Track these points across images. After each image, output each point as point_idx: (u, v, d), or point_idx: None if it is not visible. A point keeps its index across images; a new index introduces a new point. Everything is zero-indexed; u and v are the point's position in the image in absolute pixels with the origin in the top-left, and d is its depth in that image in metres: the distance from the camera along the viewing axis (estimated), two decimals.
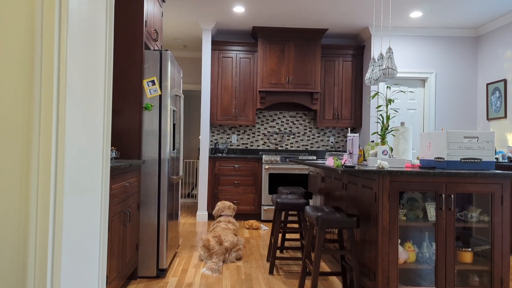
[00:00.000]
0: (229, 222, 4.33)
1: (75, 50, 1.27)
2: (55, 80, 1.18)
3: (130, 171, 3.11)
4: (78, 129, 1.31)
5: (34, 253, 1.16)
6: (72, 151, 1.26)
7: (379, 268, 2.69)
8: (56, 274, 1.19)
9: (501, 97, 5.63)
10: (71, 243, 1.26)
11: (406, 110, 6.27)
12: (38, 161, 1.17)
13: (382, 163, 2.82)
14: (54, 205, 1.19)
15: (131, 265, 3.20)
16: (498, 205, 2.73)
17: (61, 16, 1.20)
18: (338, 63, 6.60)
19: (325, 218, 2.87)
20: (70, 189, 1.25)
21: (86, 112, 1.40)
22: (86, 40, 1.37)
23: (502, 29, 5.68)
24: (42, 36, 1.17)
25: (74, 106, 1.27)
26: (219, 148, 6.68)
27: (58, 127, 1.20)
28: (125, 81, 3.48)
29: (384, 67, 3.67)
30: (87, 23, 1.37)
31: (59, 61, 1.19)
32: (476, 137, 2.88)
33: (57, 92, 1.19)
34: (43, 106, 1.17)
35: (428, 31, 6.18)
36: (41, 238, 1.17)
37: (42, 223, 1.16)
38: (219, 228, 4.14)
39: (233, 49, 6.50)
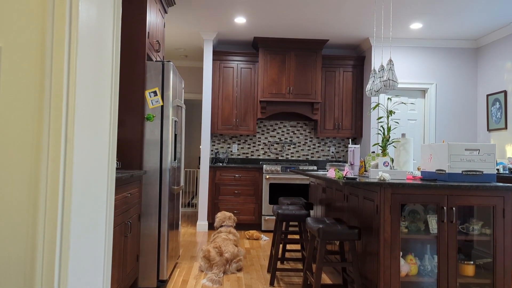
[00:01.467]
0: (229, 233, 4.32)
1: (84, 63, 1.28)
2: (65, 94, 1.19)
3: (131, 182, 3.11)
4: (85, 142, 1.32)
5: (42, 265, 1.16)
6: (79, 162, 1.27)
7: (381, 281, 2.68)
8: (63, 282, 1.19)
9: (501, 108, 5.65)
10: (77, 255, 1.26)
11: (407, 120, 6.28)
12: (46, 181, 1.17)
13: (383, 175, 2.82)
14: (62, 214, 1.19)
15: (132, 276, 3.19)
16: (500, 218, 2.73)
17: (71, 29, 1.22)
18: (338, 73, 6.63)
19: (326, 230, 2.87)
20: (77, 200, 1.26)
21: (93, 123, 1.41)
22: (94, 53, 1.39)
23: (501, 40, 5.72)
24: (52, 54, 1.18)
25: (82, 121, 1.28)
26: (219, 158, 6.69)
27: (67, 143, 1.20)
28: (127, 91, 3.49)
29: (385, 78, 3.69)
30: (95, 36, 1.39)
31: (68, 75, 1.20)
32: (477, 150, 2.88)
33: (66, 105, 1.20)
34: (52, 119, 1.18)
35: (428, 42, 6.22)
36: (48, 253, 1.17)
37: (50, 236, 1.17)
38: (220, 239, 4.13)
39: (234, 59, 6.53)
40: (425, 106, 6.33)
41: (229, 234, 4.28)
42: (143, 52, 3.47)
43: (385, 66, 3.75)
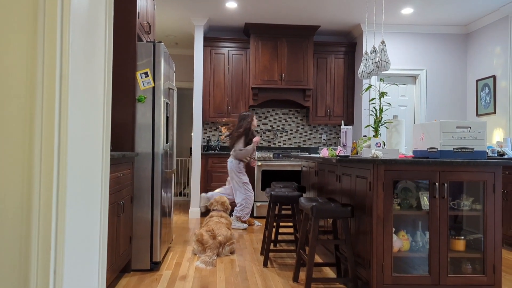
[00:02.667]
0: (221, 217, 4.32)
1: (77, 46, 1.25)
2: (58, 76, 1.15)
3: (123, 163, 3.08)
4: (79, 123, 1.30)
5: (37, 242, 1.14)
6: (74, 144, 1.25)
7: (373, 257, 2.70)
8: (59, 261, 1.17)
9: (490, 93, 5.71)
10: (73, 233, 1.24)
11: (398, 106, 6.32)
12: (40, 158, 1.14)
13: (376, 153, 2.84)
14: (57, 197, 1.16)
15: (125, 257, 3.18)
16: (490, 193, 2.76)
17: (63, 11, 1.18)
18: (330, 60, 6.63)
19: (320, 208, 2.88)
20: (72, 181, 1.24)
21: (87, 105, 1.39)
22: (87, 37, 1.35)
23: (491, 26, 5.76)
24: (44, 35, 1.14)
25: (76, 101, 1.25)
26: (211, 145, 6.67)
27: (61, 121, 1.17)
28: (118, 73, 3.45)
29: (377, 60, 3.70)
30: (87, 18, 1.35)
31: (61, 56, 1.17)
32: (468, 127, 2.91)
33: (59, 87, 1.16)
34: (45, 101, 1.15)
35: (419, 28, 6.24)
36: (44, 229, 1.15)
37: (45, 215, 1.14)
38: (212, 223, 4.13)
39: (226, 45, 6.50)
40: (415, 92, 6.37)
41: (221, 218, 4.28)
42: (134, 32, 3.43)
43: (377, 48, 3.75)
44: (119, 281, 3.16)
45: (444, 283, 2.71)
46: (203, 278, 3.26)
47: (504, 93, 5.47)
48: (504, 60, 5.48)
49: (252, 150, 5.39)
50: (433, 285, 2.70)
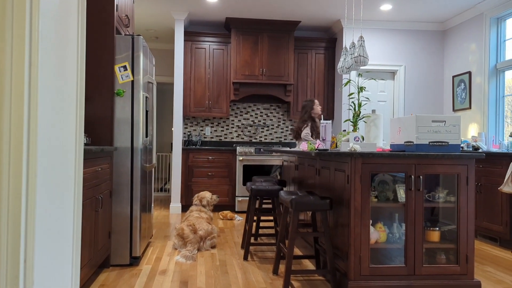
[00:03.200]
0: (201, 211, 4.32)
1: (47, 34, 1.23)
2: (27, 61, 1.13)
3: (102, 157, 3.05)
4: (50, 114, 1.27)
5: (6, 236, 1.12)
6: (44, 137, 1.23)
7: (351, 248, 2.75)
8: (29, 254, 1.15)
9: (466, 89, 5.84)
10: (44, 225, 1.23)
11: (377, 102, 6.41)
12: (9, 149, 1.12)
13: (354, 146, 2.88)
14: (27, 190, 1.14)
15: (103, 252, 3.15)
16: (463, 186, 2.84)
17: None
18: (311, 55, 6.67)
19: (299, 201, 2.91)
20: (43, 174, 1.22)
21: (59, 96, 1.36)
22: (59, 26, 1.33)
23: (467, 23, 5.89)
24: (12, 22, 1.12)
25: (46, 90, 1.23)
26: (192, 140, 6.64)
27: (30, 111, 1.15)
28: (96, 66, 3.40)
29: (356, 55, 3.74)
30: (58, 4, 1.33)
31: (30, 43, 1.14)
32: (443, 121, 2.97)
33: (28, 75, 1.14)
34: (13, 90, 1.12)
35: (398, 24, 6.33)
36: (13, 219, 1.13)
37: (14, 209, 1.12)
38: (193, 217, 4.12)
39: (206, 40, 6.47)
40: (394, 87, 6.47)
41: (201, 213, 4.28)
42: (112, 25, 3.39)
43: (356, 43, 3.80)
44: (98, 276, 3.13)
45: (419, 273, 2.78)
46: (183, 272, 3.26)
47: (479, 89, 5.60)
48: (479, 56, 5.61)
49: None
50: (409, 275, 2.77)
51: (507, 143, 4.79)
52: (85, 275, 2.66)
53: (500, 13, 5.31)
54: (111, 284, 2.97)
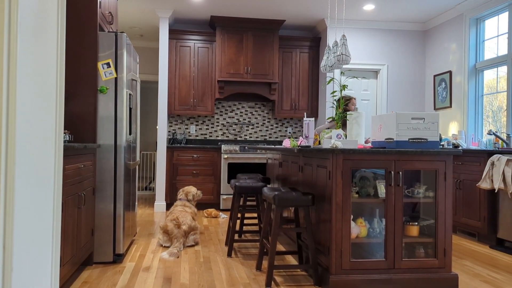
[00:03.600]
0: (185, 206, 4.33)
1: (26, 29, 1.23)
2: (5, 52, 1.13)
3: (84, 154, 3.04)
4: (29, 110, 1.28)
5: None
6: (23, 132, 1.23)
7: (333, 243, 2.80)
8: (8, 244, 1.15)
9: (446, 87, 5.96)
10: (23, 220, 1.23)
11: (360, 100, 6.49)
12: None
13: (336, 143, 2.93)
14: (5, 185, 1.14)
15: (86, 249, 3.14)
16: (441, 181, 2.91)
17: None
18: (295, 54, 6.73)
19: (282, 197, 2.95)
20: (21, 170, 1.22)
21: (38, 92, 1.36)
22: (38, 21, 1.33)
23: (447, 23, 6.01)
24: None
25: (25, 87, 1.23)
26: (177, 139, 6.63)
27: (9, 104, 1.15)
28: (79, 63, 3.39)
29: (338, 53, 3.79)
30: (38, 6, 1.32)
31: (9, 34, 1.14)
32: (422, 118, 3.04)
33: (7, 67, 1.14)
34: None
35: (381, 24, 6.43)
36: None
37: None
38: (177, 211, 4.13)
39: (191, 38, 6.47)
40: (377, 86, 6.56)
41: (185, 207, 4.28)
42: (95, 22, 3.37)
43: (339, 42, 3.85)
44: (81, 273, 3.12)
45: (399, 266, 2.84)
46: (167, 269, 3.27)
47: (459, 88, 5.73)
48: (459, 56, 5.73)
49: None
50: (388, 269, 2.83)
51: (485, 141, 4.91)
52: (67, 272, 2.65)
53: (479, 13, 5.43)
54: (94, 281, 2.97)
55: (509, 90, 4.98)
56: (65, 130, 3.17)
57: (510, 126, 4.94)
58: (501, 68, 5.24)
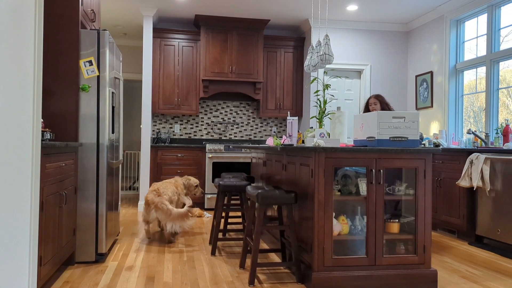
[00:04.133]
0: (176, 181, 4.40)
1: (1, 27, 1.22)
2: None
3: (66, 152, 3.01)
4: (4, 108, 1.27)
5: None
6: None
7: (315, 240, 2.82)
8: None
9: (428, 88, 6.07)
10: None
11: (344, 100, 6.56)
12: None
13: (318, 142, 2.96)
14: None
15: (68, 249, 3.11)
16: (421, 179, 2.97)
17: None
18: (280, 54, 6.76)
19: (265, 195, 2.97)
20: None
21: (14, 90, 1.35)
22: (15, 23, 1.32)
23: (429, 24, 6.11)
24: None
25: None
26: (161, 138, 6.60)
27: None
28: (60, 61, 3.35)
29: (321, 53, 3.83)
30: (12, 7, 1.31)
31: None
32: (403, 117, 3.09)
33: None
34: None
35: (364, 25, 6.50)
36: None
37: None
38: (160, 182, 4.18)
39: (176, 37, 6.44)
40: (360, 86, 6.64)
41: (176, 182, 4.36)
42: (77, 19, 3.34)
43: (322, 41, 3.89)
44: (62, 273, 3.09)
45: (380, 263, 2.88)
46: (150, 268, 3.26)
47: (440, 88, 5.83)
48: (440, 57, 5.84)
49: None
50: (370, 265, 2.87)
51: (465, 140, 5.01)
52: (48, 271, 2.63)
53: (460, 15, 5.54)
54: (76, 280, 2.94)
55: (487, 91, 5.10)
56: (46, 128, 3.13)
57: (488, 125, 5.06)
58: (480, 69, 5.35)
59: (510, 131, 4.38)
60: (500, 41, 5.06)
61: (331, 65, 4.51)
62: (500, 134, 4.51)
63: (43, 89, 3.16)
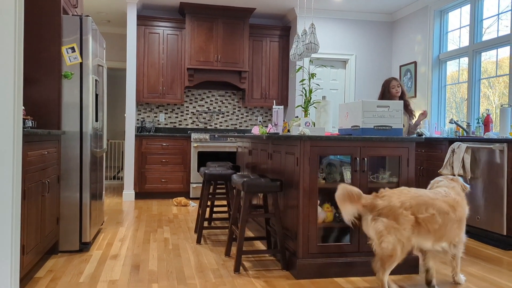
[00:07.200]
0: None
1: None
2: None
3: (48, 140, 2.96)
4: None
5: None
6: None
7: (300, 228, 2.85)
8: None
9: (412, 78, 6.13)
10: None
11: (329, 90, 6.59)
12: None
13: (303, 130, 2.97)
14: None
15: (51, 238, 3.08)
16: (404, 167, 3.02)
17: None
18: (265, 43, 6.73)
19: (250, 183, 2.98)
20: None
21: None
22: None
23: (413, 14, 6.16)
24: None
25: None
26: (146, 127, 6.54)
27: None
28: (42, 47, 3.28)
29: (307, 42, 3.83)
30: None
31: None
32: (387, 106, 3.13)
33: None
34: None
35: (349, 14, 6.51)
36: None
37: None
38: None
39: (160, 25, 6.36)
40: (346, 76, 6.67)
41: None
42: (59, 5, 3.27)
43: (308, 30, 3.89)
44: (46, 262, 3.06)
45: (363, 250, 2.93)
46: (135, 257, 3.25)
47: (424, 78, 5.90)
48: (424, 47, 5.90)
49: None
50: (354, 252, 2.92)
51: (447, 130, 5.10)
52: (31, 260, 2.60)
53: (443, 6, 5.59)
54: (60, 269, 2.92)
55: (469, 81, 5.18)
56: (28, 116, 3.07)
57: (470, 115, 5.15)
58: (462, 60, 5.43)
59: (490, 120, 4.47)
60: (483, 32, 5.13)
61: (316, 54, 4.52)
62: (481, 123, 4.59)
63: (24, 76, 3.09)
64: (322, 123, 3.82)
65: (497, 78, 4.98)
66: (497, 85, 5.06)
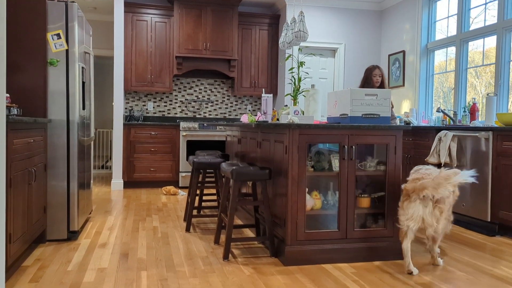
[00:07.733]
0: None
1: None
2: None
3: (34, 128, 2.92)
4: None
5: None
6: None
7: (288, 215, 2.88)
8: None
9: (400, 67, 6.16)
10: None
11: (318, 79, 6.59)
12: None
13: (292, 118, 2.98)
14: None
15: (38, 227, 3.06)
16: (392, 155, 3.05)
17: None
18: (255, 31, 6.69)
19: (239, 171, 2.99)
20: None
21: None
22: None
23: (402, 3, 6.16)
24: None
25: None
26: (134, 116, 6.48)
27: None
28: (26, 34, 3.22)
29: (296, 30, 3.82)
30: None
31: None
32: (375, 95, 3.15)
33: None
34: None
35: (339, 3, 6.50)
36: None
37: None
38: None
39: (148, 12, 6.27)
40: (335, 65, 6.68)
41: None
42: None
43: (297, 18, 3.87)
44: (33, 251, 3.04)
45: (351, 236, 2.97)
46: (123, 245, 3.25)
47: (412, 68, 5.94)
48: (412, 36, 5.92)
49: None
50: (341, 239, 2.95)
51: (434, 118, 5.15)
52: (18, 249, 2.58)
53: None
54: (48, 258, 2.90)
55: (456, 70, 5.23)
56: (13, 103, 3.03)
57: (457, 104, 5.20)
58: (450, 49, 5.47)
59: (477, 109, 4.52)
60: (470, 22, 5.17)
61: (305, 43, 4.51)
62: (467, 112, 4.65)
63: (9, 63, 3.05)
64: (311, 112, 3.83)
65: (484, 68, 5.03)
66: (483, 75, 5.11)
